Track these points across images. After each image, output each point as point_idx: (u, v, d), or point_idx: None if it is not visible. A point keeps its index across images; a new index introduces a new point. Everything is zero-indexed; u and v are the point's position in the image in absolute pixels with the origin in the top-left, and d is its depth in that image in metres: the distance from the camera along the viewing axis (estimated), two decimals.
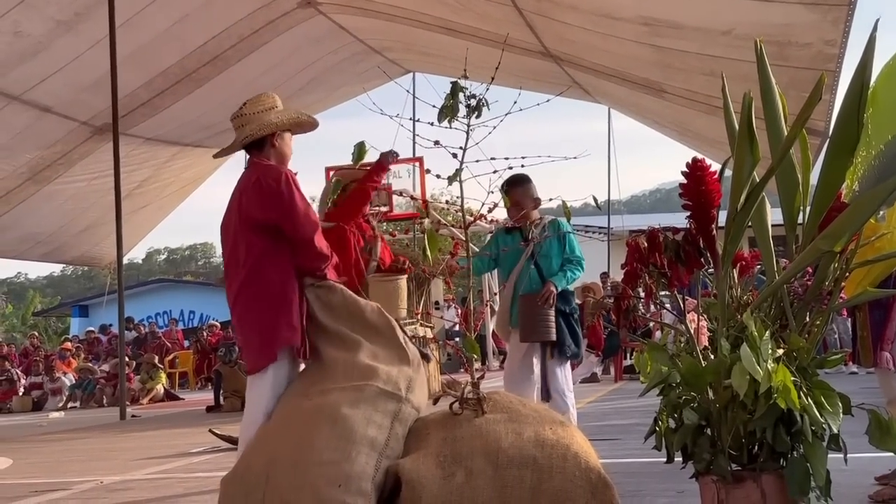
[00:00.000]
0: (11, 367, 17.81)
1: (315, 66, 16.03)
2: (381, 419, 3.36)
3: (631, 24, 9.03)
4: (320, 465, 3.17)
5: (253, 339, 3.66)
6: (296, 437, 3.30)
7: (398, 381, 3.50)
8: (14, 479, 6.15)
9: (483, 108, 3.69)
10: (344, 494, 3.11)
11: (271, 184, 3.65)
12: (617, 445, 5.51)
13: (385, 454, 3.28)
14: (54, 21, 12.00)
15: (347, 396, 3.37)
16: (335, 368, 3.54)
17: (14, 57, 12.40)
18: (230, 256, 3.77)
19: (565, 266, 5.00)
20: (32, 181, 15.97)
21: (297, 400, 3.50)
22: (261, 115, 3.85)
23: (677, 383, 2.66)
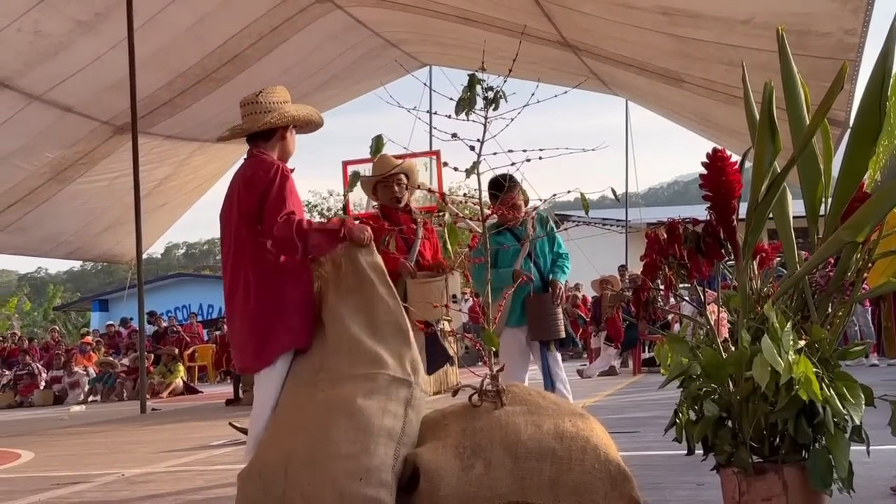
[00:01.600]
0: (33, 361, 17.98)
1: (334, 64, 16.07)
2: (396, 408, 3.37)
3: (649, 14, 8.97)
4: (340, 459, 3.16)
5: (248, 340, 3.59)
6: (312, 431, 3.29)
7: (406, 365, 3.49)
8: (37, 472, 6.21)
9: (500, 100, 3.67)
10: (366, 487, 3.11)
11: (262, 175, 3.59)
12: (636, 438, 5.50)
13: (402, 442, 3.29)
14: (75, 21, 12.07)
15: (360, 387, 3.36)
16: (340, 350, 3.49)
17: (35, 56, 12.48)
18: (226, 250, 3.71)
19: (558, 262, 5.04)
20: (55, 181, 16.09)
21: (306, 389, 3.47)
22: (280, 105, 3.80)
23: (698, 375, 2.64)
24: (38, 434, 9.76)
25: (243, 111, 3.83)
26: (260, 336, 3.53)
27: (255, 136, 3.81)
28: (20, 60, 12.46)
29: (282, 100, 3.84)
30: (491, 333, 3.65)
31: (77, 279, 65.77)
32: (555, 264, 5.02)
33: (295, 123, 3.84)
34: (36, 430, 10.46)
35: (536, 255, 4.99)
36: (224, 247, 3.76)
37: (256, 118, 3.76)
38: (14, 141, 14.33)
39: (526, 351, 5.03)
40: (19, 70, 12.67)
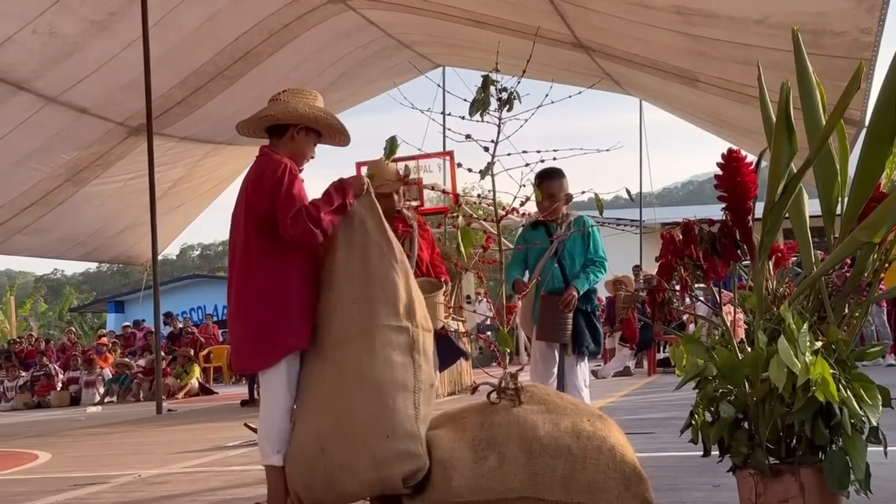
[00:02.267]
0: (49, 362, 18.10)
1: (345, 61, 16.10)
2: (401, 357, 3.37)
3: (663, 13, 8.96)
4: (363, 424, 3.23)
5: (248, 341, 3.58)
6: (333, 405, 3.34)
7: (399, 310, 3.42)
8: (54, 472, 6.24)
9: (514, 101, 3.68)
10: (394, 442, 3.18)
11: (269, 175, 3.56)
12: (651, 439, 5.48)
13: (418, 388, 3.34)
14: (89, 21, 12.12)
15: (360, 346, 3.36)
16: (335, 314, 3.47)
17: (49, 58, 12.55)
18: (233, 250, 3.69)
19: (588, 267, 4.98)
20: (71, 182, 16.19)
21: (318, 366, 3.47)
22: (293, 101, 3.77)
23: (714, 376, 2.63)
24: (55, 435, 9.82)
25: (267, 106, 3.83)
26: (261, 336, 3.52)
27: (272, 132, 3.81)
28: (35, 62, 12.54)
29: (300, 97, 3.81)
30: (505, 334, 3.66)
31: (93, 280, 66.11)
32: (583, 269, 4.97)
33: (303, 123, 3.76)
34: (53, 430, 10.52)
35: (563, 256, 4.97)
36: (231, 245, 3.74)
37: (266, 110, 3.76)
38: (30, 143, 14.42)
39: (547, 352, 5.02)
40: (34, 72, 12.74)
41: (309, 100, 3.80)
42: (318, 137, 3.86)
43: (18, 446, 8.48)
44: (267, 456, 3.52)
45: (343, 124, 3.91)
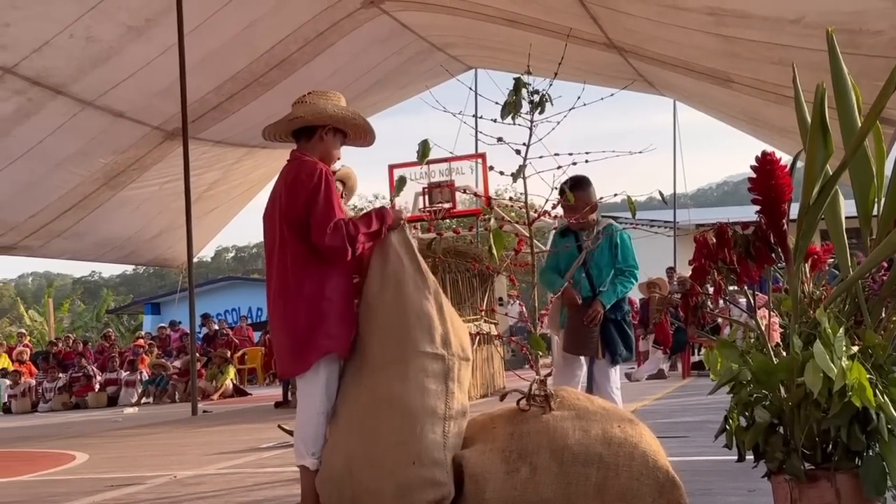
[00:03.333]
0: (87, 364, 18.34)
1: (380, 68, 16.16)
2: (435, 384, 3.39)
3: (696, 14, 8.89)
4: (391, 450, 3.25)
5: (286, 344, 3.61)
6: (363, 430, 3.37)
7: (436, 339, 3.46)
8: (91, 473, 6.32)
9: (546, 103, 3.67)
10: (420, 470, 3.20)
11: (305, 180, 3.58)
12: (686, 443, 5.44)
13: (449, 416, 3.35)
14: (125, 27, 12.26)
15: (395, 373, 3.39)
16: (371, 341, 3.52)
17: (87, 62, 12.71)
18: (270, 254, 3.71)
19: (617, 278, 4.92)
20: (107, 186, 16.38)
21: (353, 389, 3.52)
22: (318, 103, 3.79)
23: (748, 381, 2.61)
24: (93, 436, 9.94)
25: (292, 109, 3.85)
26: (299, 341, 3.54)
27: (299, 135, 3.82)
28: (72, 66, 12.70)
29: (327, 98, 3.83)
30: (538, 337, 3.65)
31: (130, 282, 66.88)
32: (612, 279, 4.94)
33: (331, 123, 3.79)
34: (90, 431, 10.66)
35: (591, 266, 4.94)
36: (267, 249, 3.76)
37: (294, 112, 3.79)
38: (68, 147, 14.61)
39: (573, 360, 5.01)
40: (72, 76, 12.91)
41: (334, 100, 3.82)
42: (344, 138, 3.89)
43: (57, 447, 8.60)
44: (302, 457, 3.55)
45: (369, 123, 3.94)
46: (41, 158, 14.43)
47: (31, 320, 32.84)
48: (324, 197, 3.55)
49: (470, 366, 3.62)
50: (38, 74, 12.47)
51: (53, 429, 11.74)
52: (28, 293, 57.41)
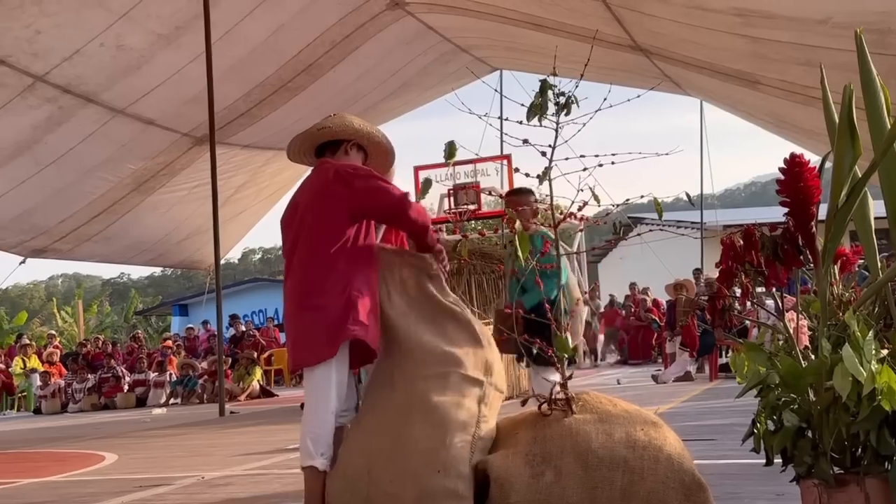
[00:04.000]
0: (116, 364, 18.52)
1: (405, 70, 16.21)
2: (469, 403, 3.42)
3: (722, 15, 8.83)
4: (418, 454, 3.24)
5: (311, 332, 3.54)
6: (390, 431, 3.36)
7: (478, 364, 3.54)
8: (120, 474, 6.38)
9: (572, 105, 3.66)
10: (444, 479, 3.17)
11: (351, 171, 3.64)
12: (713, 446, 5.40)
13: (477, 436, 3.34)
14: (155, 35, 12.39)
15: (434, 385, 3.42)
16: (412, 355, 3.54)
17: (118, 71, 12.85)
18: (290, 253, 3.71)
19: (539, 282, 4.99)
20: (137, 192, 16.56)
21: (383, 392, 3.53)
22: (343, 120, 3.85)
23: (776, 384, 2.59)
24: (121, 436, 10.04)
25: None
26: (326, 327, 3.50)
27: (322, 151, 3.87)
28: (103, 75, 12.84)
29: (353, 118, 3.90)
30: (563, 339, 3.64)
31: (158, 284, 67.48)
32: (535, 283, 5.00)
33: (356, 138, 3.84)
34: (119, 432, 10.76)
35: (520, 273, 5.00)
36: (287, 249, 3.75)
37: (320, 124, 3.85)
38: (98, 154, 14.78)
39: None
40: (102, 84, 13.05)
41: (357, 119, 3.90)
42: (366, 158, 3.93)
43: (86, 448, 8.69)
44: (311, 457, 3.49)
45: (391, 145, 3.98)
46: (72, 165, 14.61)
47: (63, 321, 33.22)
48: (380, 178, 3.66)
49: (501, 398, 3.65)
50: (68, 83, 12.62)
51: (83, 429, 11.87)
52: (58, 294, 58.07)
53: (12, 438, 11.17)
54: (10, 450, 9.29)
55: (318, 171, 3.78)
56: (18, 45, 11.49)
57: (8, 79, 11.98)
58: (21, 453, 8.86)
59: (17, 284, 62.10)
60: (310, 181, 3.79)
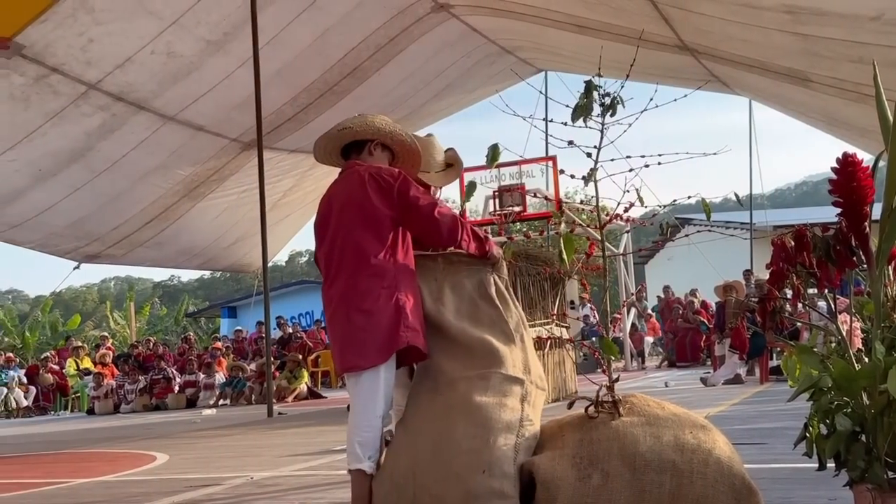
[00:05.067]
0: (167, 366, 18.79)
1: (449, 72, 16.24)
2: (512, 403, 3.42)
3: (772, 13, 8.71)
4: (462, 455, 3.23)
5: (361, 338, 3.53)
6: (434, 433, 3.36)
7: (518, 364, 3.55)
8: (171, 474, 6.47)
9: (618, 105, 3.64)
10: (489, 479, 3.16)
11: (387, 177, 3.62)
12: (764, 450, 5.32)
13: (521, 435, 3.33)
14: (204, 41, 12.55)
15: (475, 386, 3.43)
16: (455, 356, 3.56)
17: (168, 78, 13.04)
18: (329, 258, 3.70)
19: None
20: (188, 197, 16.80)
21: (427, 395, 3.54)
22: (366, 119, 3.86)
23: (829, 388, 2.54)
24: (172, 437, 10.18)
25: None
26: (379, 332, 3.51)
27: (348, 152, 3.87)
28: (154, 82, 13.04)
29: (374, 117, 3.90)
30: (610, 341, 3.62)
31: (207, 286, 68.36)
32: None
33: (379, 138, 3.83)
34: (170, 433, 10.92)
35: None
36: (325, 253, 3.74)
37: (343, 124, 3.86)
38: (150, 160, 15.01)
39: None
40: (154, 91, 13.26)
41: (382, 118, 3.89)
42: (392, 158, 3.92)
43: (138, 448, 8.83)
44: (359, 461, 3.50)
45: (416, 144, 3.96)
46: (124, 172, 14.85)
47: (115, 323, 33.80)
48: (417, 187, 3.66)
49: (544, 396, 3.65)
50: (121, 90, 12.84)
51: (134, 430, 12.06)
52: (110, 297, 59.10)
53: (67, 439, 11.40)
54: (64, 450, 9.48)
55: (349, 173, 3.77)
56: (72, 54, 11.71)
57: (62, 87, 12.22)
58: (75, 453, 9.03)
59: (70, 287, 63.34)
60: (342, 184, 3.78)
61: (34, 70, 11.60)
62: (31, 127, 12.71)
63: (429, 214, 3.58)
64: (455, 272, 3.77)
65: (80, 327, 34.04)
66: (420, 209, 3.59)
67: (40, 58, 11.44)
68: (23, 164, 13.43)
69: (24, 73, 11.59)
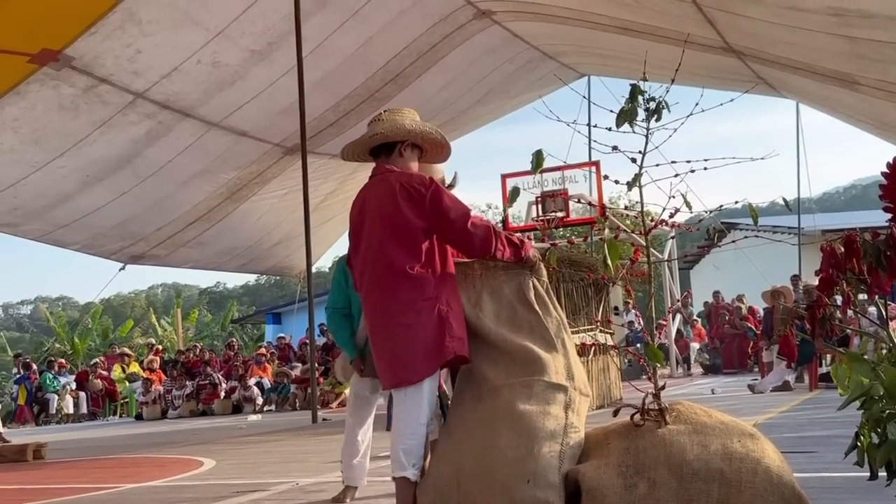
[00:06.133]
0: (213, 372, 19.00)
1: (491, 77, 16.25)
2: (556, 411, 3.40)
3: (818, 16, 8.58)
4: (506, 465, 3.22)
5: (407, 352, 3.55)
6: (478, 442, 3.35)
7: (560, 370, 3.53)
8: (217, 479, 6.54)
9: (663, 110, 3.61)
10: (534, 489, 3.15)
11: (418, 187, 3.61)
12: (814, 458, 5.23)
13: (566, 444, 3.32)
14: (249, 51, 12.72)
15: (518, 394, 3.41)
16: (497, 363, 3.56)
17: (214, 86, 13.24)
18: (363, 266, 3.70)
19: None
20: (230, 200, 17.01)
21: (470, 404, 3.54)
22: (396, 119, 3.84)
23: (880, 396, 2.50)
24: (219, 442, 10.29)
25: (368, 129, 3.89)
26: (425, 345, 3.52)
27: (378, 153, 3.86)
28: (200, 90, 13.24)
29: (402, 115, 3.87)
30: (655, 349, 3.59)
31: (252, 293, 68.95)
32: None
33: (409, 139, 3.82)
34: (216, 438, 11.04)
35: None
36: (360, 261, 3.74)
37: (372, 129, 3.84)
38: (195, 165, 15.24)
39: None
40: (199, 100, 13.46)
41: (410, 116, 3.87)
42: (421, 154, 3.91)
43: (185, 453, 8.94)
44: (403, 468, 3.53)
45: (445, 137, 3.97)
46: (169, 177, 15.09)
47: (162, 330, 34.26)
48: (450, 196, 3.63)
49: (588, 402, 3.63)
50: (167, 99, 13.04)
51: (182, 435, 12.21)
52: (157, 303, 59.91)
53: (116, 444, 11.58)
54: (114, 455, 9.63)
55: (380, 180, 3.77)
56: (120, 65, 11.93)
57: (110, 96, 12.45)
58: (125, 458, 9.17)
59: (119, 294, 64.33)
60: (373, 191, 3.78)
61: (83, 81, 11.83)
62: (80, 135, 12.96)
63: (462, 227, 3.57)
64: (493, 277, 3.76)
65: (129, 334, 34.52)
66: (452, 222, 3.58)
67: (89, 69, 11.67)
68: (71, 170, 13.71)
69: (74, 84, 11.83)
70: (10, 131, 12.26)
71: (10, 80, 11.19)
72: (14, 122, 12.09)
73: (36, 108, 11.99)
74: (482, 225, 3.62)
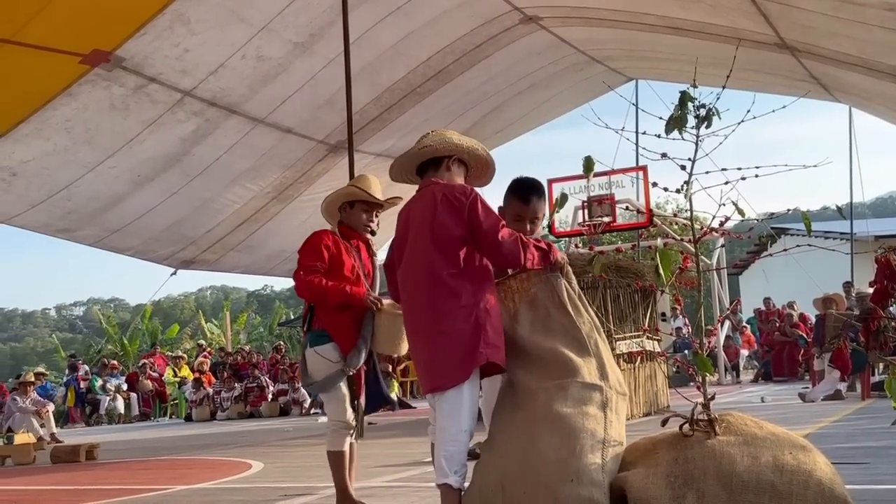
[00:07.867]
0: (261, 375, 19.20)
1: (534, 75, 16.19)
2: (594, 410, 3.40)
3: (876, 10, 8.42)
4: (549, 466, 3.22)
5: (443, 358, 3.61)
6: (520, 446, 3.37)
7: (593, 371, 3.53)
8: (266, 482, 6.60)
9: (713, 117, 3.57)
10: (578, 488, 3.15)
11: (460, 197, 3.68)
12: (866, 470, 5.13)
13: (608, 442, 3.32)
14: (292, 43, 12.82)
15: (554, 396, 3.42)
16: (532, 368, 3.57)
17: (258, 81, 13.35)
18: (405, 275, 3.79)
19: None
20: (277, 200, 17.12)
21: (510, 410, 3.56)
22: (444, 135, 3.93)
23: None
24: (266, 445, 10.39)
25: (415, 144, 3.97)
26: (459, 350, 3.56)
27: (425, 169, 3.93)
28: (244, 86, 13.36)
29: (449, 133, 3.98)
30: (704, 357, 3.54)
31: None
32: None
33: (457, 153, 3.90)
34: (264, 441, 11.14)
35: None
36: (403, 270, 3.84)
37: (420, 143, 3.92)
38: (241, 163, 15.36)
39: None
40: (244, 95, 13.58)
41: (457, 134, 3.95)
42: (467, 172, 3.97)
43: (234, 455, 9.04)
44: (445, 475, 3.53)
45: (492, 157, 4.04)
46: (217, 176, 15.23)
47: (210, 332, 34.72)
48: (486, 208, 3.67)
49: (626, 400, 3.62)
50: (213, 96, 13.19)
51: (230, 437, 12.36)
52: (206, 306, 60.72)
53: (166, 445, 11.76)
54: (164, 456, 9.78)
55: (425, 192, 3.85)
56: (168, 64, 12.11)
57: (159, 95, 12.63)
58: (175, 460, 9.31)
59: (169, 296, 65.34)
60: (419, 203, 3.86)
61: (133, 80, 12.03)
62: (130, 135, 13.16)
63: (492, 239, 3.62)
64: (527, 288, 3.79)
65: (178, 336, 35.03)
66: (484, 233, 3.63)
67: (139, 69, 11.85)
68: (122, 170, 13.91)
69: (124, 84, 12.02)
70: (63, 132, 12.48)
71: (62, 81, 11.41)
72: (66, 122, 12.30)
73: (88, 108, 12.20)
74: (510, 239, 3.64)
